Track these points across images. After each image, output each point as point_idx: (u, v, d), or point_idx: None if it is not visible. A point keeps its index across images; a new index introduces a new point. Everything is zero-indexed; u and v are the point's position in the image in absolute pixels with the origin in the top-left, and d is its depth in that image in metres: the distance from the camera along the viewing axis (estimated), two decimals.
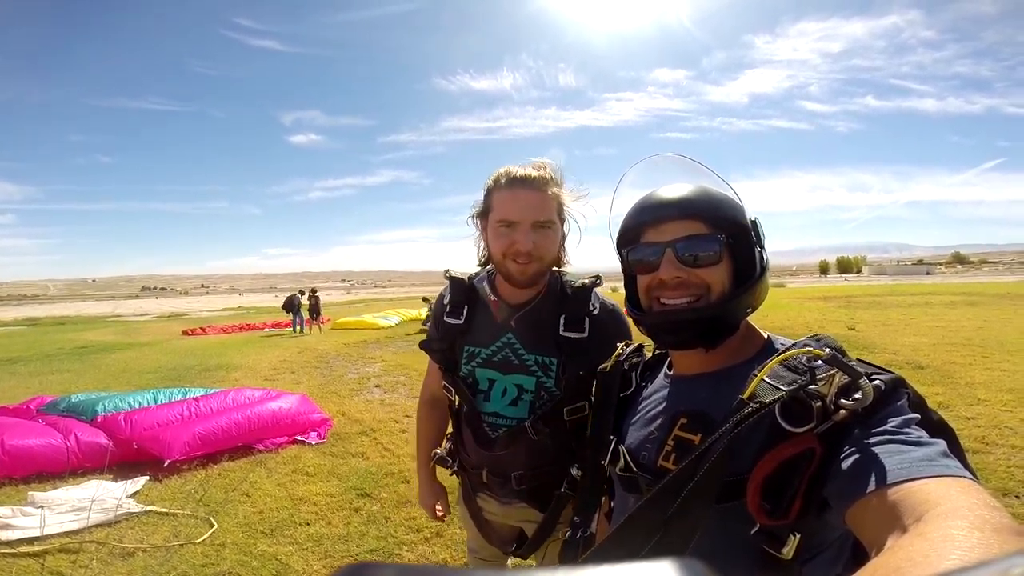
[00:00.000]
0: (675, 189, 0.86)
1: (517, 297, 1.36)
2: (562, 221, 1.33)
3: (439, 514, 1.61)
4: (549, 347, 1.32)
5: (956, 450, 0.66)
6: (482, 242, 1.40)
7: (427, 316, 16.30)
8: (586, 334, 1.29)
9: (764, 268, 0.85)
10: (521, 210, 1.24)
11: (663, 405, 0.90)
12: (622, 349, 1.07)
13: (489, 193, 1.31)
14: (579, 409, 1.31)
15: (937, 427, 0.71)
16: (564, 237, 1.36)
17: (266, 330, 18.94)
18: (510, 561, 1.62)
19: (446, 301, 1.45)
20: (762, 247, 0.85)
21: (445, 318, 1.42)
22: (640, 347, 1.09)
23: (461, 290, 1.42)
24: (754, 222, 0.85)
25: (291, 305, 17.10)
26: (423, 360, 1.60)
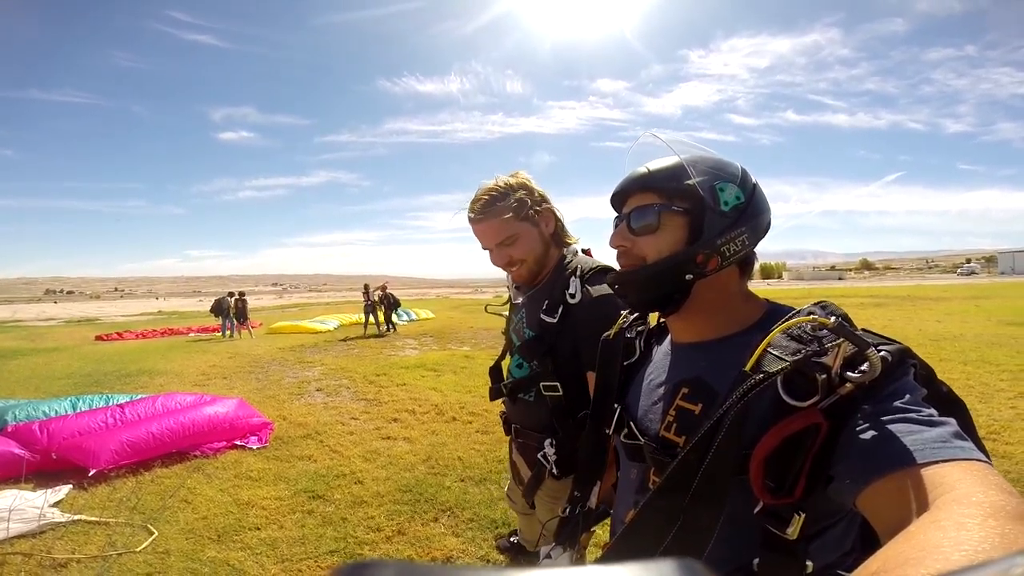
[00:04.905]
0: (648, 164, 0.87)
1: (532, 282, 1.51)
2: (530, 217, 1.41)
3: None
4: (534, 326, 1.44)
5: (966, 426, 0.65)
6: None
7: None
8: (555, 320, 1.35)
9: (721, 233, 0.81)
10: (484, 239, 1.42)
11: (665, 374, 0.89)
12: (625, 317, 1.06)
13: None
14: (553, 388, 1.37)
15: (946, 400, 0.70)
16: (560, 223, 1.49)
17: (191, 335, 17.82)
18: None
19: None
20: (723, 213, 0.82)
21: (507, 287, 1.70)
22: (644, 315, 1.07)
23: None
24: (713, 188, 0.82)
25: (220, 308, 16.17)
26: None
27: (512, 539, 2.41)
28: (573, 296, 1.34)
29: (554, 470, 1.37)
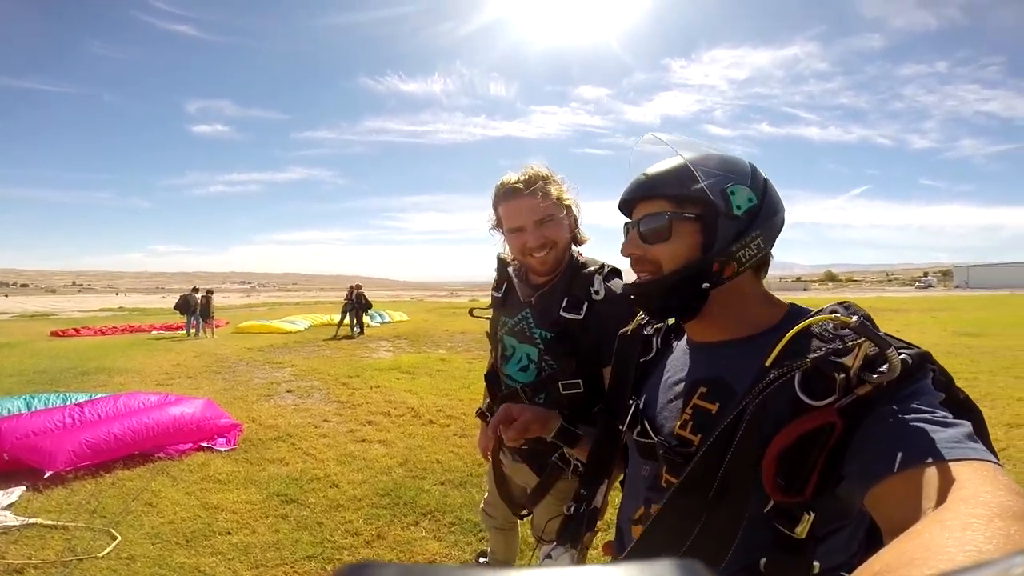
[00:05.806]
0: (653, 168, 0.86)
1: (539, 279, 1.50)
2: (567, 207, 1.45)
3: (489, 456, 1.81)
4: (551, 324, 1.43)
5: (981, 431, 0.64)
6: (507, 244, 1.56)
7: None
8: (581, 317, 1.37)
9: (736, 238, 0.80)
10: (521, 215, 1.39)
11: (683, 372, 0.89)
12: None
13: (495, 207, 1.48)
14: (574, 386, 1.37)
15: (963, 406, 0.69)
16: (576, 220, 1.50)
17: (154, 332, 17.22)
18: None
19: (495, 277, 1.67)
20: (735, 217, 0.80)
21: (492, 290, 1.67)
22: None
23: (503, 269, 1.62)
24: (724, 191, 0.80)
25: (186, 305, 15.66)
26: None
27: (481, 560, 2.32)
28: (598, 293, 1.38)
29: (580, 468, 1.34)
